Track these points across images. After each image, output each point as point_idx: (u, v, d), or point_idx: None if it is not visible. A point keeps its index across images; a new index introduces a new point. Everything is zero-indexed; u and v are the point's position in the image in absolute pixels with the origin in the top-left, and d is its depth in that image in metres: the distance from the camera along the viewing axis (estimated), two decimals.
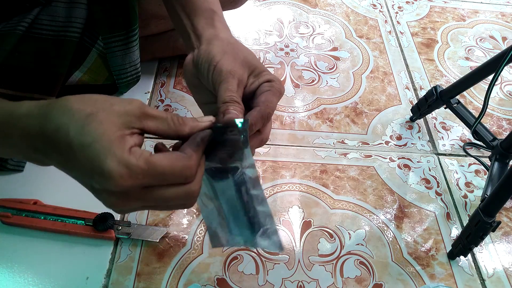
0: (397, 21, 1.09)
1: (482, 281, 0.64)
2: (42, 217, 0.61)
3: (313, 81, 0.90)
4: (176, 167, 0.33)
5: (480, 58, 1.01)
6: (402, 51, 1.01)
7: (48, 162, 0.36)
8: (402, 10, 1.13)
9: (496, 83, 0.62)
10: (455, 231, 0.69)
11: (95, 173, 0.31)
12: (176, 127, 0.36)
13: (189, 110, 0.81)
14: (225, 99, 0.39)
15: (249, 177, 0.38)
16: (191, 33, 0.48)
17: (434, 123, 0.86)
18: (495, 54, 0.66)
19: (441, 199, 0.73)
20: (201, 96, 0.47)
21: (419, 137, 0.83)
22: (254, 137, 0.41)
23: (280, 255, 0.63)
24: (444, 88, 0.75)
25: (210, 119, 0.38)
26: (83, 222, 0.61)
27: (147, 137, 0.35)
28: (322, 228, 0.67)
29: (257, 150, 0.75)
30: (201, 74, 0.44)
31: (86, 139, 0.31)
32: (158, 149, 0.37)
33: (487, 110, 0.67)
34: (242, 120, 0.37)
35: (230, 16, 1.03)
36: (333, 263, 0.63)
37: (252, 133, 0.40)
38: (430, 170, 0.77)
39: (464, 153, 0.80)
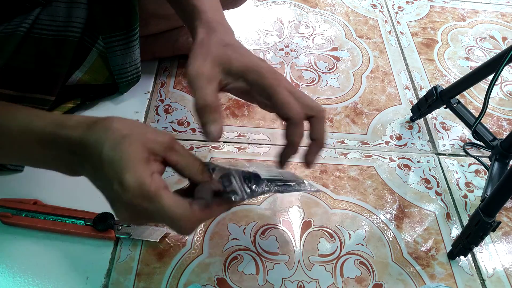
0: (397, 21, 1.09)
1: (482, 281, 0.64)
2: (42, 217, 0.61)
3: (313, 81, 0.90)
4: (176, 213, 0.36)
5: (480, 58, 1.01)
6: (402, 51, 1.01)
7: (78, 168, 0.40)
8: (402, 10, 1.13)
9: (496, 83, 0.62)
10: (455, 231, 0.69)
11: (116, 183, 0.35)
12: (193, 170, 0.40)
13: (189, 110, 0.81)
14: (197, 105, 0.41)
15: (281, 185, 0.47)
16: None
17: (434, 123, 0.86)
18: (495, 54, 0.66)
19: (441, 199, 0.73)
20: None
21: (419, 137, 0.83)
22: (313, 146, 0.46)
23: (280, 255, 0.63)
24: (444, 88, 0.75)
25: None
26: (83, 222, 0.61)
27: None
28: (322, 228, 0.67)
29: (257, 150, 0.75)
30: None
31: (116, 155, 0.36)
32: (183, 190, 0.42)
33: (487, 110, 0.67)
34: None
35: (230, 16, 1.04)
36: (333, 263, 0.63)
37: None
38: (430, 170, 0.77)
39: (464, 153, 0.80)
